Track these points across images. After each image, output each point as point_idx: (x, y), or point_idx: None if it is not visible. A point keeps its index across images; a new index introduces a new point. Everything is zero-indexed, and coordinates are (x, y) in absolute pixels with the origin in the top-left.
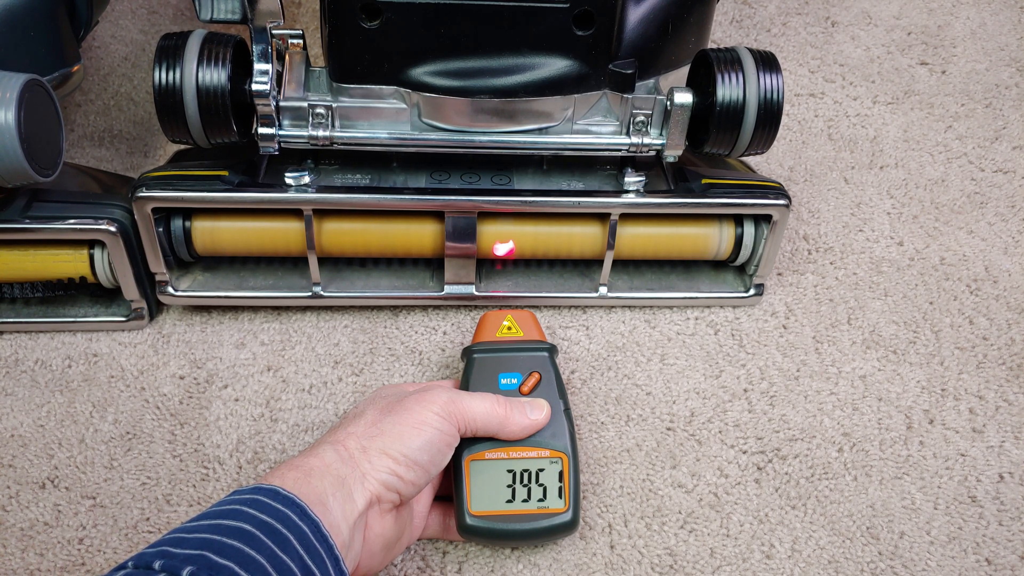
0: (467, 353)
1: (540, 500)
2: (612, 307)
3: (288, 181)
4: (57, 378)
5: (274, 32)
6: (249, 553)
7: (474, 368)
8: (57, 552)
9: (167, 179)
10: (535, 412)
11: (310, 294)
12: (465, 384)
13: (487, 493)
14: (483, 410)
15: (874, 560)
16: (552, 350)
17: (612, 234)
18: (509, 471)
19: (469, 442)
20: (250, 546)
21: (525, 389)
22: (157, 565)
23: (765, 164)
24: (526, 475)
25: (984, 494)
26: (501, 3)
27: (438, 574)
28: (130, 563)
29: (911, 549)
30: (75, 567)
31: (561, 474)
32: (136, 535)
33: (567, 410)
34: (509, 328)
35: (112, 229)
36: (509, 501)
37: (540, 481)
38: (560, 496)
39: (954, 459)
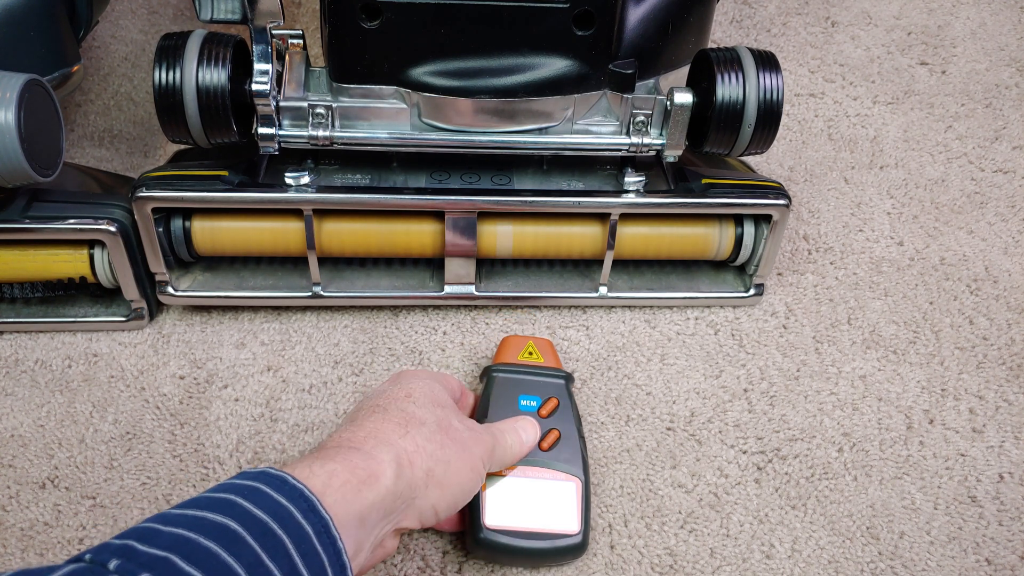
0: (488, 371)
1: (552, 521)
2: (612, 307)
3: (288, 181)
4: (57, 378)
5: (274, 32)
6: (224, 560)
7: (495, 386)
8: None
9: (167, 179)
10: (527, 435)
11: (310, 294)
12: (485, 401)
13: (503, 509)
14: (513, 457)
15: (874, 560)
16: (569, 379)
17: (612, 234)
18: (524, 490)
19: None
20: (229, 551)
21: (543, 412)
22: (113, 565)
23: (765, 164)
24: (540, 496)
25: (984, 494)
26: (501, 3)
27: (438, 574)
28: (88, 555)
29: (911, 549)
30: None
31: (574, 498)
32: None
33: (582, 437)
34: (530, 353)
35: (112, 229)
36: (523, 519)
37: (553, 503)
38: (572, 519)
39: (954, 459)
